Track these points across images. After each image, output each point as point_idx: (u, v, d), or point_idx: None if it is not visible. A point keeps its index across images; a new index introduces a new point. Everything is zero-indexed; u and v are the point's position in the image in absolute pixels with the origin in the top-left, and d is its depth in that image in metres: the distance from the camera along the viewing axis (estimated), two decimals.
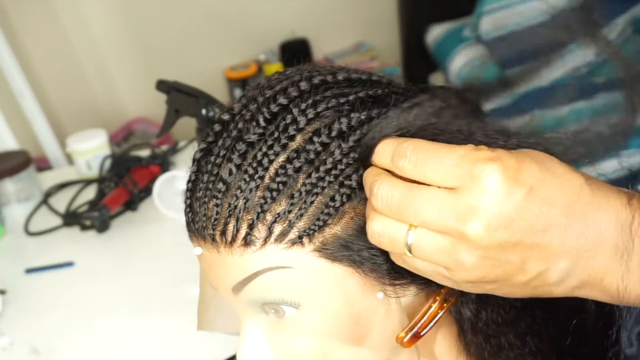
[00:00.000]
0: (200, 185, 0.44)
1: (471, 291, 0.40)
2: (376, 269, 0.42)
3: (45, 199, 1.42)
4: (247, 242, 0.41)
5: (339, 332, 0.44)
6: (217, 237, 0.42)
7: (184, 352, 0.95)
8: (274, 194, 0.41)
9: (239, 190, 0.42)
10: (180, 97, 1.00)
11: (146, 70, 2.50)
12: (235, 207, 0.42)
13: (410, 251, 0.37)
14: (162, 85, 1.04)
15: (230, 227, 0.42)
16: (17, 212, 1.39)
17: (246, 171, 0.42)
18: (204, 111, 0.96)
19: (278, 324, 0.45)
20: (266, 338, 0.46)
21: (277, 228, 0.41)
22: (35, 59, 2.31)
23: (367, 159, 0.41)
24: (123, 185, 1.32)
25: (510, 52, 2.19)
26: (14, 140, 1.67)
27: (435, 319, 0.44)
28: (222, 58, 2.58)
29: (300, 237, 0.41)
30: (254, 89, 0.46)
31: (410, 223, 0.37)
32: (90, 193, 1.40)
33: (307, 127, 0.42)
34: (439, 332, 0.48)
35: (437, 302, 0.44)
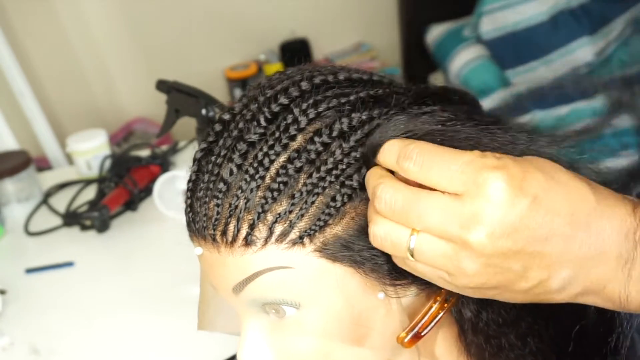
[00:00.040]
0: (201, 185, 0.44)
1: (472, 296, 0.40)
2: (377, 269, 0.42)
3: (45, 199, 1.42)
4: (248, 242, 0.41)
5: (340, 333, 0.43)
6: (218, 237, 0.42)
7: (184, 352, 0.95)
8: (275, 194, 0.41)
9: (240, 190, 0.41)
10: (180, 97, 1.00)
11: (146, 70, 2.50)
12: (236, 207, 0.41)
13: (413, 255, 0.37)
14: (162, 85, 1.04)
15: (231, 227, 0.42)
16: (17, 212, 1.38)
17: (247, 171, 0.42)
18: (204, 111, 0.96)
19: (278, 324, 0.45)
20: (267, 338, 0.45)
21: (278, 228, 0.41)
22: (35, 59, 2.31)
23: (371, 159, 0.41)
24: (123, 185, 1.32)
25: (510, 52, 2.19)
26: (14, 140, 1.67)
27: (436, 319, 0.44)
28: (222, 58, 2.58)
29: (301, 237, 0.41)
30: (255, 89, 0.46)
31: (413, 228, 0.37)
32: (90, 193, 1.40)
33: (308, 127, 0.42)
34: (439, 332, 0.48)
35: (437, 302, 0.44)
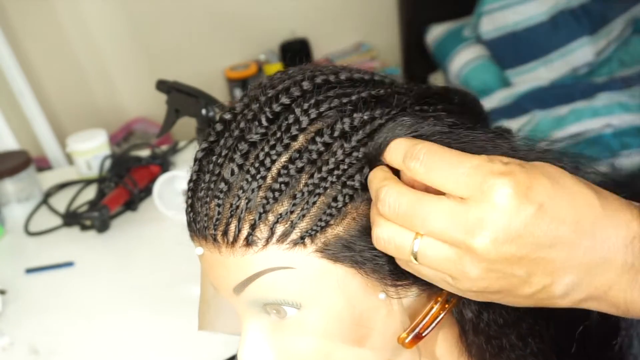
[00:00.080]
0: (202, 185, 0.44)
1: (475, 299, 0.40)
2: (378, 270, 0.42)
3: (45, 199, 1.42)
4: (249, 242, 0.41)
5: (341, 333, 0.43)
6: (219, 237, 0.42)
7: (184, 352, 0.95)
8: (276, 194, 0.41)
9: (241, 190, 0.41)
10: (180, 97, 1.00)
11: (146, 70, 2.50)
12: (237, 207, 0.41)
13: (416, 258, 0.37)
14: (162, 85, 1.04)
15: (232, 227, 0.42)
16: (17, 212, 1.38)
17: (248, 171, 0.41)
18: (204, 111, 0.96)
19: (279, 324, 0.44)
20: (267, 338, 0.45)
21: (279, 228, 0.41)
22: (35, 59, 2.31)
23: (375, 159, 0.40)
24: (123, 185, 1.32)
25: (510, 52, 2.19)
26: (14, 140, 1.67)
27: (437, 320, 0.43)
28: (222, 58, 2.58)
29: (302, 238, 0.41)
30: (256, 89, 0.46)
31: (417, 231, 0.37)
32: (90, 193, 1.40)
33: (309, 127, 0.42)
34: (440, 333, 0.48)
35: (438, 303, 0.44)
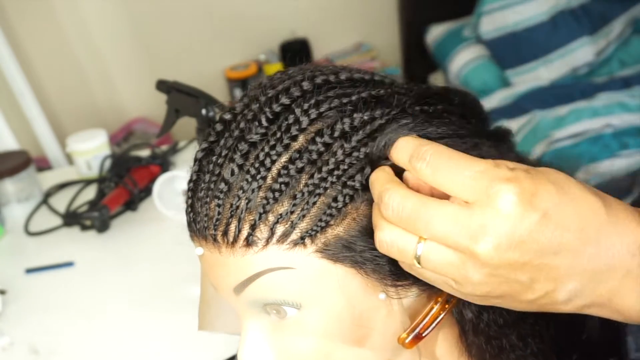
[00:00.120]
0: (202, 185, 0.44)
1: (477, 303, 0.40)
2: (378, 270, 0.42)
3: (45, 199, 1.42)
4: (249, 242, 0.41)
5: (341, 333, 0.43)
6: (219, 237, 0.42)
7: (184, 352, 0.95)
8: (276, 194, 0.41)
9: (241, 191, 0.41)
10: (180, 97, 1.00)
11: (146, 70, 2.50)
12: (237, 207, 0.41)
13: (419, 262, 0.37)
14: (162, 85, 1.04)
15: (232, 227, 0.42)
16: (17, 212, 1.38)
17: (248, 171, 0.41)
18: (204, 111, 0.96)
19: (279, 324, 0.44)
20: (267, 339, 0.45)
21: (279, 229, 0.41)
22: (35, 59, 2.31)
23: (378, 159, 0.40)
24: (123, 185, 1.32)
25: (510, 52, 2.19)
26: (14, 140, 1.67)
27: (437, 320, 0.43)
28: (222, 58, 2.58)
29: (302, 238, 0.41)
30: (256, 89, 0.46)
31: (420, 235, 0.36)
32: (90, 193, 1.40)
33: (309, 127, 0.42)
34: (440, 333, 0.48)
35: (439, 303, 0.43)
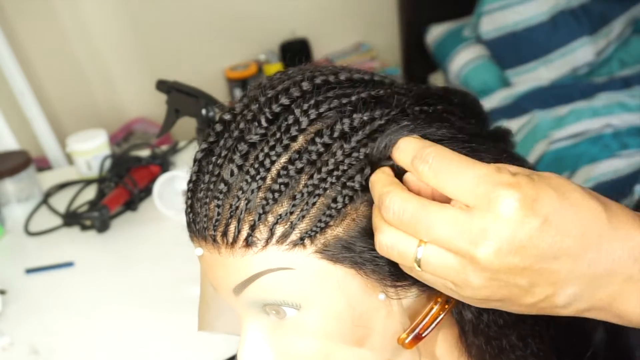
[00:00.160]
0: (202, 186, 0.44)
1: (477, 305, 0.40)
2: (378, 271, 0.42)
3: (45, 199, 1.42)
4: (249, 243, 0.41)
5: (341, 334, 0.43)
6: (218, 238, 0.42)
7: (184, 352, 0.95)
8: (276, 195, 0.41)
9: (241, 191, 0.41)
10: (180, 97, 1.00)
11: (146, 70, 2.50)
12: (237, 208, 0.41)
13: (419, 265, 0.37)
14: (162, 85, 1.04)
15: (232, 228, 0.42)
16: (17, 212, 1.38)
17: (248, 172, 0.41)
18: (204, 111, 0.96)
19: (279, 325, 0.44)
20: (267, 339, 0.45)
21: (279, 229, 0.41)
22: (35, 59, 2.31)
23: (378, 160, 0.40)
24: (123, 185, 1.32)
25: (510, 52, 2.19)
26: (14, 140, 1.67)
27: (437, 320, 0.43)
28: (222, 58, 2.58)
29: (301, 239, 0.41)
30: (256, 89, 0.46)
31: (420, 239, 0.36)
32: (90, 193, 1.40)
33: (309, 127, 0.42)
34: (440, 333, 0.48)
35: (438, 303, 0.43)
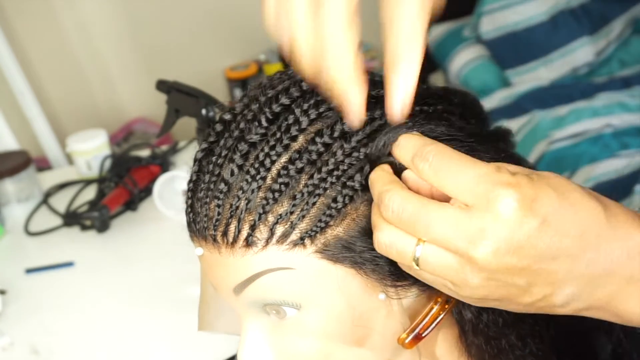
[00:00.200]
0: (202, 186, 0.44)
1: (475, 305, 0.40)
2: (378, 270, 0.42)
3: (45, 199, 1.42)
4: (249, 243, 0.41)
5: (341, 333, 0.43)
6: (219, 237, 0.42)
7: (184, 352, 0.95)
8: (276, 194, 0.41)
9: (241, 191, 0.41)
10: (180, 97, 1.00)
11: (146, 70, 2.50)
12: (237, 207, 0.41)
13: (418, 264, 0.37)
14: (162, 85, 1.04)
15: (232, 227, 0.42)
16: (17, 212, 1.38)
17: (248, 172, 0.41)
18: (204, 111, 0.96)
19: (279, 324, 0.44)
20: (267, 339, 0.45)
21: (279, 229, 0.41)
22: (35, 59, 2.31)
23: (378, 159, 0.40)
24: (123, 185, 1.32)
25: (510, 52, 2.19)
26: (14, 140, 1.67)
27: (437, 320, 0.43)
28: (222, 58, 2.58)
29: (302, 239, 0.41)
30: (256, 89, 0.46)
31: (419, 237, 0.36)
32: (90, 193, 1.40)
33: (309, 127, 0.42)
34: (440, 333, 0.48)
35: (438, 303, 0.43)
